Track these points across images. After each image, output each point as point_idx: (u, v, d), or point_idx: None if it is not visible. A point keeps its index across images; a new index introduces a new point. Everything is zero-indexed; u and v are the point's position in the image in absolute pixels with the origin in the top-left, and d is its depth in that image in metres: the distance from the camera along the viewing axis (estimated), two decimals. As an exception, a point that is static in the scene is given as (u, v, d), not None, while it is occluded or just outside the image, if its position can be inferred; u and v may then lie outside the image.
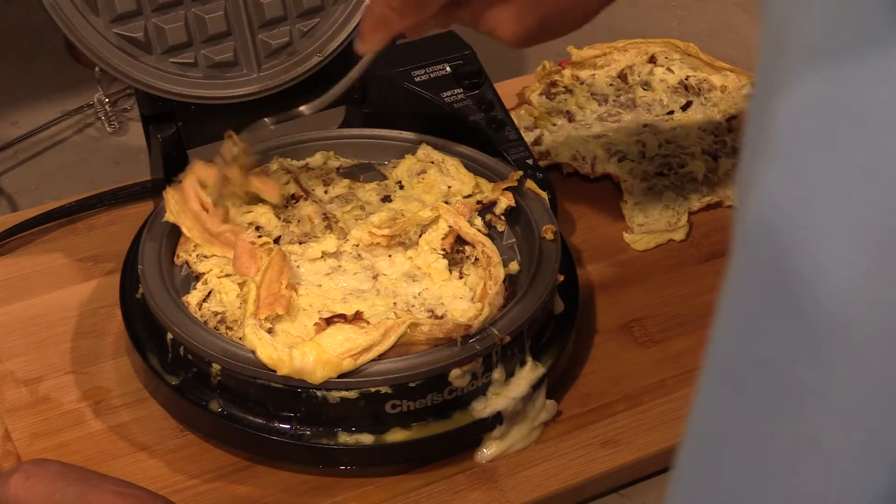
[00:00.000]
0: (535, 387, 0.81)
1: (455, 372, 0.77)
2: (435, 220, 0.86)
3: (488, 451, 0.81)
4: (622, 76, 1.14)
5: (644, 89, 1.12)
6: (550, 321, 0.86)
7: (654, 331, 0.92)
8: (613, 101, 1.12)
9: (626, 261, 0.99)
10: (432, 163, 0.93)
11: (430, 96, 1.01)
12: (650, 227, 1.00)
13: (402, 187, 0.93)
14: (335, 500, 0.79)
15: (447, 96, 1.01)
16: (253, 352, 0.76)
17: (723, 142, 1.07)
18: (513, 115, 1.05)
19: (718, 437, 0.43)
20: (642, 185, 1.03)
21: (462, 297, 0.82)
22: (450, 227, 0.85)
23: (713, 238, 1.01)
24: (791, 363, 0.40)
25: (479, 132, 0.98)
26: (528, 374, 0.81)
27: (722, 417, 0.43)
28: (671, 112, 1.10)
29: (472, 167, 0.93)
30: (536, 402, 0.82)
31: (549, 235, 0.86)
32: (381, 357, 0.76)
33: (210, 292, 0.83)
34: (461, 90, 1.01)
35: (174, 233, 0.88)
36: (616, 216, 1.02)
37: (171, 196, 0.87)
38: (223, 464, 0.81)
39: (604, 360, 0.89)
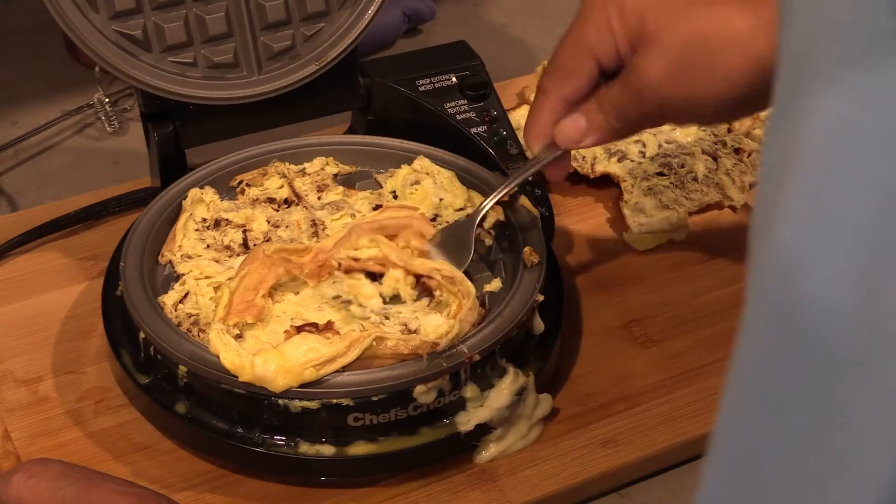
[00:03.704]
0: (518, 394, 0.80)
1: (420, 388, 0.76)
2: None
3: (487, 451, 0.81)
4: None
5: (644, 89, 1.12)
6: (530, 339, 0.84)
7: (654, 331, 0.92)
8: (613, 101, 1.12)
9: (626, 261, 0.99)
10: (427, 174, 0.92)
11: (432, 106, 0.99)
12: (650, 227, 1.00)
13: (396, 197, 0.92)
14: (334, 500, 0.79)
15: (451, 107, 0.99)
16: (217, 356, 0.76)
17: (723, 142, 1.07)
18: (513, 115, 1.04)
19: (745, 458, 0.42)
20: (642, 185, 1.02)
21: (437, 313, 0.81)
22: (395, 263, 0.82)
23: (713, 238, 1.01)
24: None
25: (481, 145, 0.97)
26: (510, 385, 0.80)
27: (750, 440, 0.42)
28: (671, 112, 1.10)
29: (468, 180, 0.92)
30: (528, 403, 0.81)
31: (535, 259, 0.84)
32: (344, 369, 0.76)
33: (187, 294, 0.83)
34: (465, 101, 1.00)
35: (161, 231, 0.88)
36: (616, 216, 1.02)
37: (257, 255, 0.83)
38: (221, 464, 0.81)
39: (603, 360, 0.89)
